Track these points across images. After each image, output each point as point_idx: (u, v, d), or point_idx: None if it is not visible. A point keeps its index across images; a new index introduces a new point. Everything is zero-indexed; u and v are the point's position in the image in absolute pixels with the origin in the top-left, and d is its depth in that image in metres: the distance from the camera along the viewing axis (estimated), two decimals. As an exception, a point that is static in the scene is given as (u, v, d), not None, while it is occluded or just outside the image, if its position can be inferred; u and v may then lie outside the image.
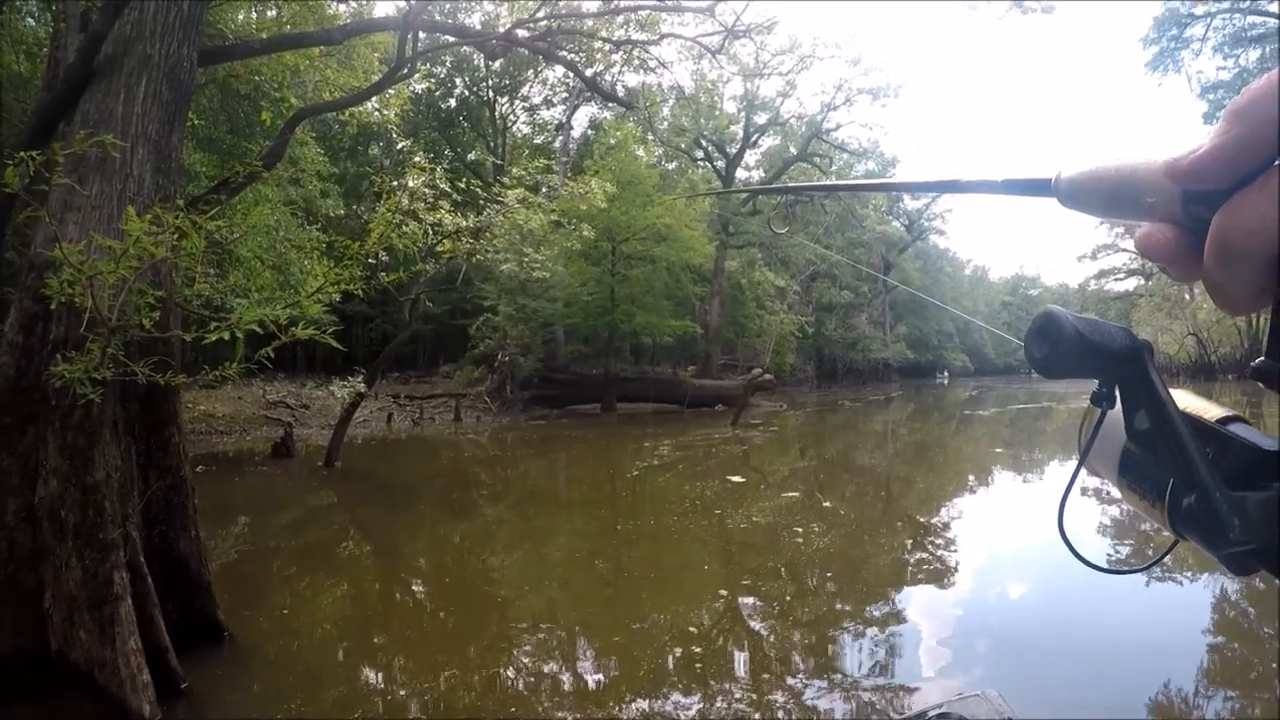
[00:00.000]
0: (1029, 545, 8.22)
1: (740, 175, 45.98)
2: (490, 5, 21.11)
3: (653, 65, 16.84)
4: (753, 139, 45.22)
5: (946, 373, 78.81)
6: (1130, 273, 70.22)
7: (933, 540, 8.65)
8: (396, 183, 13.28)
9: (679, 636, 5.51)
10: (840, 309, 57.42)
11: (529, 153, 38.91)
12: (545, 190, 22.64)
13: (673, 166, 43.69)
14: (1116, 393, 0.52)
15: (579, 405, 28.79)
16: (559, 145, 37.90)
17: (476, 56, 35.95)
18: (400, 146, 32.83)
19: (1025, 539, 8.54)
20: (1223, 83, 40.59)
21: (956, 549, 8.20)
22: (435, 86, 38.35)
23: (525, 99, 42.34)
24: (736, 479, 12.99)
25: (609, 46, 15.02)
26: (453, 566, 7.99)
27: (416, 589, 7.22)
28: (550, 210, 18.64)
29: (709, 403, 29.65)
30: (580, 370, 31.71)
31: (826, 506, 10.58)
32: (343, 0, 16.12)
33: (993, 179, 0.59)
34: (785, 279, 44.01)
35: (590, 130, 42.24)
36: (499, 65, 37.59)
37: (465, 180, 15.96)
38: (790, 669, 4.94)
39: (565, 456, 17.81)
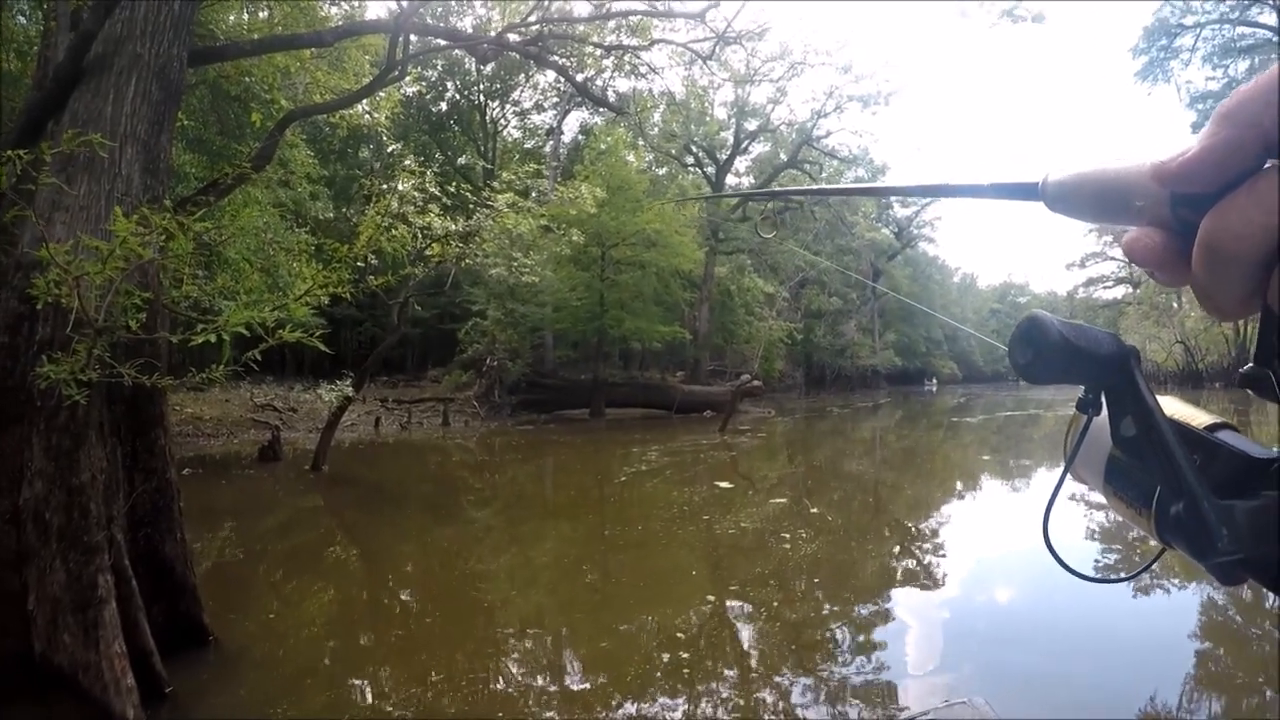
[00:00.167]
0: (1016, 551, 8.23)
1: (730, 181, 46.07)
2: (482, 9, 21.10)
3: (644, 71, 16.95)
4: (743, 145, 45.30)
5: (935, 380, 79.08)
6: (1118, 280, 70.77)
7: (920, 546, 8.67)
8: (386, 186, 13.26)
9: (666, 642, 5.50)
10: (829, 316, 57.64)
11: (519, 157, 38.98)
12: (535, 195, 22.68)
13: (663, 172, 43.82)
14: (1103, 399, 0.52)
15: (567, 410, 28.76)
16: (549, 150, 37.95)
17: (468, 60, 35.97)
18: (390, 149, 32.73)
19: (1012, 545, 8.55)
20: (1212, 93, 41.01)
21: (944, 555, 8.22)
22: (426, 90, 38.36)
23: (516, 103, 42.40)
24: (724, 485, 12.99)
25: (600, 51, 15.09)
26: (440, 571, 7.96)
27: (403, 593, 7.19)
28: (540, 215, 18.65)
29: (697, 408, 29.68)
30: (569, 375, 31.70)
31: (814, 513, 10.59)
32: (334, 2, 16.08)
33: (980, 183, 0.59)
34: (774, 285, 44.14)
35: (581, 135, 42.30)
36: (490, 69, 37.67)
37: (455, 184, 15.94)
38: (777, 675, 4.94)
39: (553, 462, 17.77)
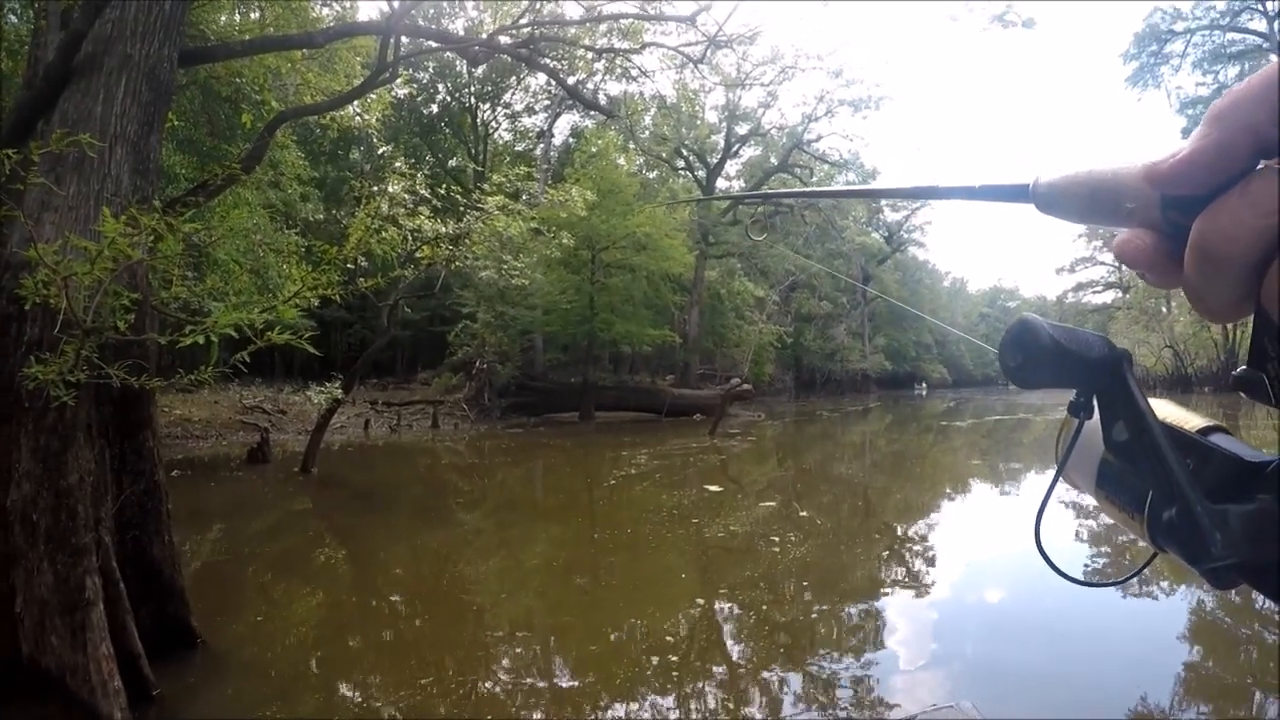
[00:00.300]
0: (1006, 555, 8.26)
1: (721, 185, 46.14)
2: (474, 11, 21.14)
3: (635, 74, 16.99)
4: (734, 149, 45.41)
5: (924, 384, 79.31)
6: (1108, 285, 71.13)
7: (909, 550, 8.68)
8: (376, 188, 13.23)
9: (655, 644, 5.50)
10: (819, 320, 57.78)
11: (510, 159, 38.83)
12: (525, 197, 22.61)
13: (654, 175, 43.84)
14: (1094, 403, 0.51)
15: (557, 413, 28.74)
16: (540, 152, 37.86)
17: (459, 62, 35.91)
18: (381, 151, 32.65)
19: (1002, 549, 8.58)
20: (1202, 98, 41.33)
21: (933, 559, 8.23)
22: (417, 92, 38.27)
23: (507, 106, 42.32)
24: (714, 488, 13.00)
25: (591, 54, 15.11)
26: (429, 574, 7.94)
27: (393, 596, 7.17)
28: (530, 218, 18.59)
29: (687, 412, 29.70)
30: (558, 378, 31.70)
31: (804, 516, 10.60)
32: (326, 3, 16.04)
33: (972, 185, 0.58)
34: (764, 289, 44.20)
35: (572, 138, 42.32)
36: (481, 71, 37.64)
37: (445, 186, 15.90)
38: (765, 677, 4.95)
39: (542, 465, 17.76)
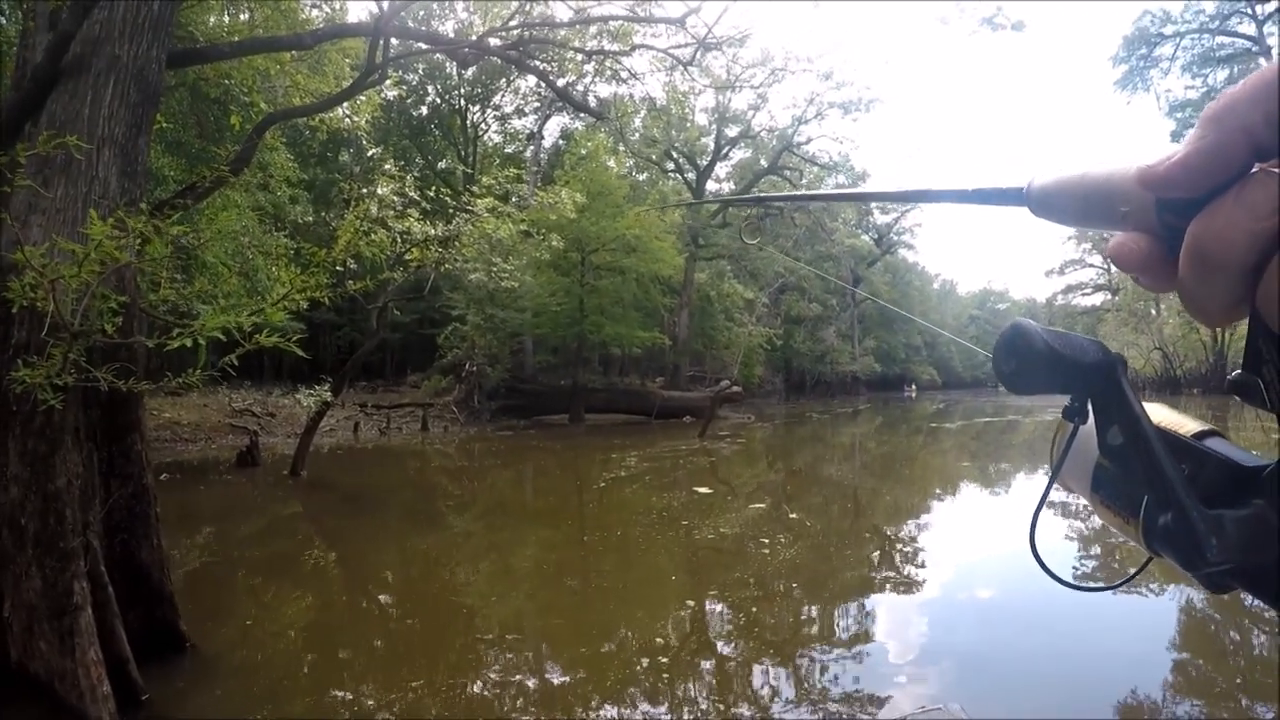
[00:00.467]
0: (995, 557, 8.29)
1: (711, 187, 46.25)
2: (463, 13, 21.08)
3: (624, 76, 16.91)
4: (724, 151, 45.53)
5: (914, 386, 79.59)
6: (1097, 288, 71.54)
7: (899, 552, 8.70)
8: (365, 190, 13.20)
9: (646, 647, 5.50)
10: (809, 322, 57.88)
11: (500, 162, 38.78)
12: (515, 200, 22.62)
13: (644, 178, 43.89)
14: (1089, 407, 0.51)
15: (546, 416, 28.73)
16: (530, 155, 37.88)
17: (449, 64, 35.90)
18: (371, 153, 32.53)
19: (991, 551, 8.62)
20: (1191, 101, 41.58)
21: (923, 561, 8.25)
22: (407, 93, 38.17)
23: (497, 108, 42.31)
24: (704, 490, 13.00)
25: (581, 57, 15.08)
26: (419, 577, 7.93)
27: (383, 600, 7.15)
28: (520, 220, 18.59)
29: (677, 414, 29.70)
30: (548, 381, 31.70)
31: (793, 518, 10.62)
32: (315, 5, 16.00)
33: (964, 189, 0.58)
34: (754, 291, 44.29)
35: (561, 140, 42.32)
36: (471, 73, 37.57)
37: (435, 189, 15.88)
38: (755, 679, 4.95)
39: (532, 467, 17.74)
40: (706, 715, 4.42)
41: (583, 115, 32.47)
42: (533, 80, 32.32)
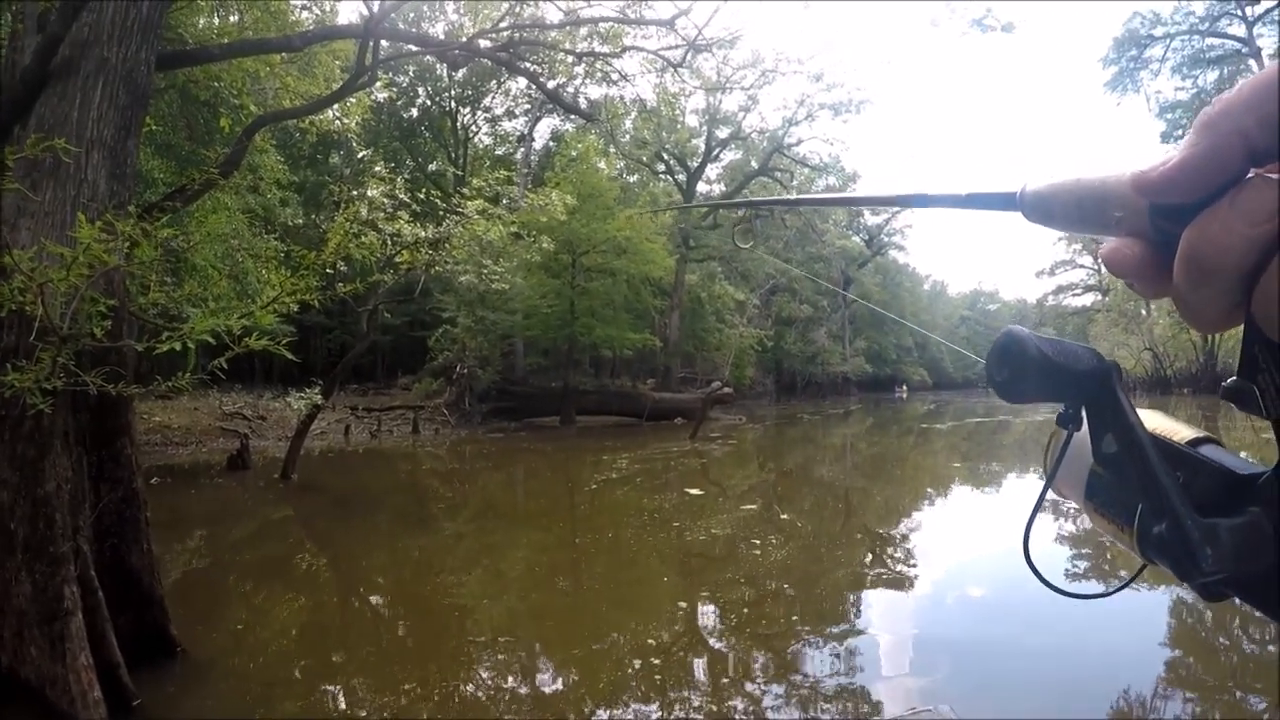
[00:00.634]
0: (986, 557, 8.32)
1: (702, 189, 46.25)
2: (454, 15, 21.08)
3: (615, 78, 16.87)
4: (714, 153, 45.55)
5: (905, 387, 79.63)
6: (1087, 288, 71.80)
7: (890, 553, 8.72)
8: (356, 192, 13.18)
9: (638, 648, 5.50)
10: (800, 323, 58.00)
11: (490, 164, 38.74)
12: (506, 201, 22.58)
13: (634, 179, 43.83)
14: (1083, 414, 0.51)
15: (538, 418, 28.69)
16: (520, 156, 37.84)
17: (439, 66, 35.85)
18: (361, 155, 32.50)
19: (982, 551, 8.65)
20: (1181, 103, 41.77)
21: (914, 562, 8.27)
22: (397, 96, 38.15)
23: (487, 110, 42.27)
24: (695, 492, 13.01)
25: (571, 58, 15.05)
26: (411, 580, 7.91)
27: (374, 603, 7.14)
28: (510, 222, 18.56)
29: (668, 416, 29.71)
30: (539, 383, 31.66)
31: (785, 519, 10.63)
32: (305, 6, 15.96)
33: (957, 193, 0.57)
34: (745, 293, 44.36)
35: (552, 142, 42.24)
36: (461, 75, 37.57)
37: (425, 191, 15.87)
38: (747, 680, 4.96)
39: (524, 470, 17.73)
40: (698, 715, 4.42)
41: (573, 117, 32.53)
42: (523, 82, 32.27)
